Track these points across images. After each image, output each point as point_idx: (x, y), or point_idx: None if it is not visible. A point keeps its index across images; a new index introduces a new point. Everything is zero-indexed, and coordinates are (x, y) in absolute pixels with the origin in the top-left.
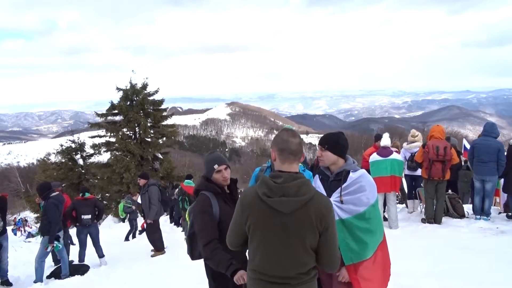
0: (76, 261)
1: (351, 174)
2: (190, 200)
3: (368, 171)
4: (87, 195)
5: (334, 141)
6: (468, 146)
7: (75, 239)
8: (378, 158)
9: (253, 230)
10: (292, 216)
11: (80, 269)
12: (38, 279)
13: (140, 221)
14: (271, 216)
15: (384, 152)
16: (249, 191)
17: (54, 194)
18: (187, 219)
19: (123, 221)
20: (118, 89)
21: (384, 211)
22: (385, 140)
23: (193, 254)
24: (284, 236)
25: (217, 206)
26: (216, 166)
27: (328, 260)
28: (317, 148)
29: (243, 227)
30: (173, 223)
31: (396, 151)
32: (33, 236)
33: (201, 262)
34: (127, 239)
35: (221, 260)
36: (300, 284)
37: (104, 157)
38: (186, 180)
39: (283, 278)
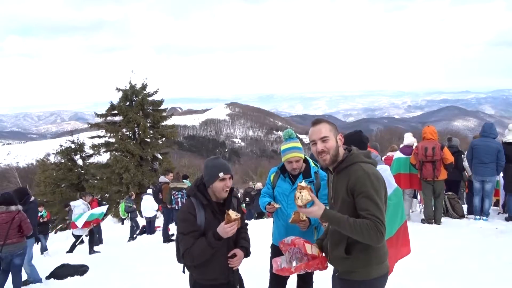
0: (69, 263)
1: None
2: None
3: None
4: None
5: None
6: None
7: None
8: (401, 155)
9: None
10: None
11: (80, 269)
12: (37, 279)
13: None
14: None
15: (407, 150)
16: (372, 167)
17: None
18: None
19: (122, 223)
20: (118, 89)
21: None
22: (408, 139)
23: (179, 256)
24: None
25: (203, 217)
26: (221, 175)
27: None
28: None
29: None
30: (174, 222)
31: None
32: None
33: None
34: (132, 238)
35: (200, 245)
36: None
37: (104, 157)
38: (183, 181)
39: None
